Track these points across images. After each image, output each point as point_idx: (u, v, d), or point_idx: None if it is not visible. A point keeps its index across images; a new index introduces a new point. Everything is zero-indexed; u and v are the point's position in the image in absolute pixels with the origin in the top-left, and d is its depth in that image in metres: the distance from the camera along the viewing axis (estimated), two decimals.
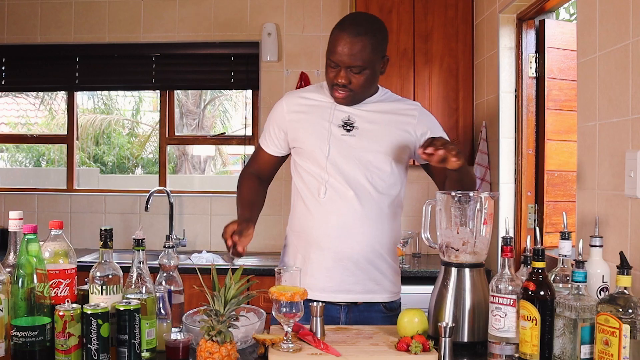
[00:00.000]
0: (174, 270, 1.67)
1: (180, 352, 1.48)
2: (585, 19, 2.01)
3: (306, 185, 1.91)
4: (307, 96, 1.97)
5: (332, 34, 1.83)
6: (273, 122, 1.99)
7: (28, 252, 1.41)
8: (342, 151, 1.86)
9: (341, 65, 1.80)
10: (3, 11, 3.91)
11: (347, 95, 1.85)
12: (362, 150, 1.87)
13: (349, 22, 1.82)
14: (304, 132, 1.91)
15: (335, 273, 1.85)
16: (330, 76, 1.84)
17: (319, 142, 1.87)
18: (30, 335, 1.37)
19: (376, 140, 1.88)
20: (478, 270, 1.60)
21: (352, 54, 1.78)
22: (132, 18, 3.87)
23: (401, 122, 1.92)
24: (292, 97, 1.99)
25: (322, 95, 1.95)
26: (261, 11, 3.83)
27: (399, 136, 1.91)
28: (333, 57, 1.80)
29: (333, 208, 1.86)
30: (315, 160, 1.88)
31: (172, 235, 3.78)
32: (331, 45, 1.81)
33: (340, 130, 1.88)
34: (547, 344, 1.41)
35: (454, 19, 3.40)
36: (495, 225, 2.76)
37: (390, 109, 1.93)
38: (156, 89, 4.07)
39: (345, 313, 1.89)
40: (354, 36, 1.77)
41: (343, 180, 1.86)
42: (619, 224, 1.78)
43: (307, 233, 1.90)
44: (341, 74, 1.81)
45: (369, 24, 1.84)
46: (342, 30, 1.79)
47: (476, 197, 1.62)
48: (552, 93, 2.84)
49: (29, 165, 8.26)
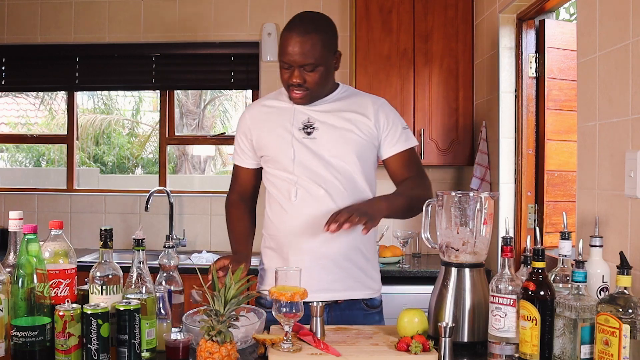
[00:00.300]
0: (174, 270, 1.67)
1: (180, 352, 1.48)
2: (585, 19, 2.01)
3: (278, 190, 1.92)
4: (267, 104, 1.99)
5: (281, 36, 1.86)
6: (240, 135, 2.02)
7: (28, 252, 1.41)
8: (307, 153, 1.88)
9: (294, 65, 1.81)
10: (3, 11, 3.91)
11: (304, 94, 1.86)
12: (325, 151, 1.88)
13: (296, 22, 1.85)
14: (268, 139, 1.93)
15: (314, 273, 1.84)
16: (285, 77, 1.86)
17: (283, 146, 1.89)
18: (30, 335, 1.37)
19: (337, 140, 1.88)
20: (478, 270, 1.60)
21: (304, 52, 1.79)
22: (132, 18, 3.87)
23: (360, 119, 1.91)
24: (253, 107, 2.03)
25: (281, 101, 1.97)
26: (261, 11, 3.83)
27: (360, 133, 1.90)
28: (285, 58, 1.82)
29: (306, 209, 1.86)
30: (282, 164, 1.89)
31: (172, 235, 3.78)
32: (281, 46, 1.83)
33: (301, 134, 1.89)
34: (547, 344, 1.41)
35: (454, 19, 3.40)
36: (495, 225, 2.76)
37: (348, 107, 1.93)
38: (156, 89, 4.07)
39: (326, 312, 1.89)
40: (303, 35, 1.80)
41: (312, 181, 1.87)
42: (619, 224, 1.78)
43: (283, 235, 1.90)
44: (295, 74, 1.82)
45: (316, 21, 1.87)
46: (290, 30, 1.82)
47: (476, 197, 1.61)
48: (552, 93, 2.84)
49: (29, 165, 8.26)
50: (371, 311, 1.95)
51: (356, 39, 3.41)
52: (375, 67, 3.40)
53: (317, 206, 1.85)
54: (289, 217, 1.88)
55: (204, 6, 3.84)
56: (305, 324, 1.62)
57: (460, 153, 3.42)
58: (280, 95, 1.99)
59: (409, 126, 3.38)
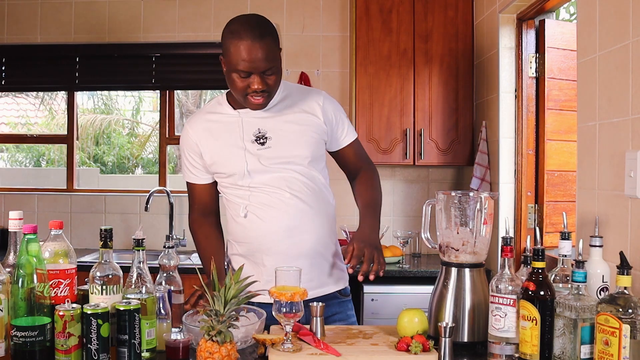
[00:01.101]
0: (174, 270, 1.67)
1: (180, 352, 1.48)
2: (585, 19, 2.01)
3: (240, 200, 1.88)
4: (210, 118, 1.92)
5: (230, 44, 1.75)
6: (187, 152, 1.94)
7: (28, 252, 1.40)
8: (262, 162, 1.85)
9: (254, 71, 1.74)
10: (3, 11, 3.91)
11: (265, 99, 1.81)
12: (281, 158, 1.86)
13: (246, 28, 1.75)
14: (219, 155, 1.88)
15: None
16: (242, 85, 1.77)
17: (237, 161, 1.85)
18: (30, 335, 1.37)
19: (293, 145, 1.87)
20: (478, 270, 1.60)
21: (265, 57, 1.73)
22: (132, 18, 3.87)
23: (309, 119, 1.90)
24: (196, 122, 1.94)
25: (223, 113, 1.91)
26: (261, 11, 3.79)
27: (312, 133, 1.90)
28: (242, 66, 1.73)
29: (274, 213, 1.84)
30: (240, 178, 1.86)
31: (172, 235, 3.78)
32: (236, 55, 1.73)
33: (254, 146, 1.85)
34: (547, 344, 1.41)
35: (454, 19, 3.40)
36: (495, 225, 2.76)
37: (294, 107, 1.91)
38: (156, 89, 4.07)
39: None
40: (260, 40, 1.72)
41: (275, 187, 1.85)
42: (619, 224, 1.78)
43: (254, 241, 1.88)
44: (257, 80, 1.74)
45: (262, 24, 1.80)
46: (242, 38, 1.73)
47: (476, 197, 1.61)
48: (552, 93, 2.84)
49: (29, 165, 8.26)
50: (344, 298, 1.98)
51: (356, 39, 3.41)
52: (375, 67, 3.40)
53: (284, 209, 1.84)
54: (258, 224, 1.85)
55: (204, 6, 3.84)
56: (305, 324, 1.62)
57: (460, 153, 3.42)
58: (220, 106, 1.93)
59: (410, 126, 3.41)
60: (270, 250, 1.86)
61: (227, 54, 1.78)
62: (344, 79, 3.81)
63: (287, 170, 1.86)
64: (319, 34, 3.81)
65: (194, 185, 1.98)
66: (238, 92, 1.80)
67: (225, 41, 1.80)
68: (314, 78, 3.78)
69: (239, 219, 1.89)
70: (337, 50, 3.81)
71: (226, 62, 1.80)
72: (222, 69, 1.84)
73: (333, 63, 3.81)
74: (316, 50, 3.81)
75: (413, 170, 3.74)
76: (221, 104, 1.94)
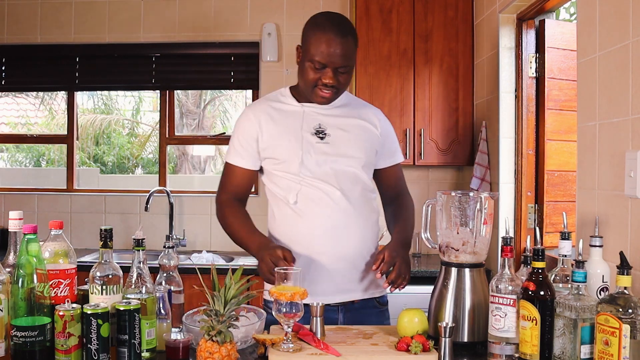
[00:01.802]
0: (174, 270, 1.67)
1: (180, 352, 1.48)
2: (585, 19, 2.01)
3: (289, 193, 1.88)
4: (273, 106, 1.95)
5: (313, 35, 1.81)
6: (243, 134, 1.94)
7: (28, 252, 1.40)
8: (317, 157, 1.87)
9: (330, 66, 1.80)
10: (3, 11, 3.91)
11: (332, 94, 1.86)
12: (336, 156, 1.88)
13: (332, 23, 1.81)
14: (279, 143, 1.89)
15: (334, 275, 1.85)
16: (314, 77, 1.82)
17: (296, 150, 1.87)
18: (30, 335, 1.37)
19: (349, 147, 1.90)
20: (478, 270, 1.60)
21: (343, 54, 1.79)
22: (132, 18, 3.87)
23: (368, 127, 1.96)
24: (259, 108, 1.96)
25: (286, 103, 1.95)
26: (261, 11, 3.84)
27: (369, 140, 1.95)
28: (320, 58, 1.79)
29: (325, 210, 1.85)
30: (295, 168, 1.87)
31: (172, 235, 3.78)
32: (316, 46, 1.79)
33: (314, 138, 1.88)
34: (547, 344, 1.41)
35: (454, 19, 3.40)
36: (495, 225, 2.76)
37: (354, 114, 1.96)
38: (156, 89, 4.07)
39: (342, 313, 1.89)
40: (342, 37, 1.78)
41: (327, 183, 1.86)
42: (619, 224, 1.78)
43: (300, 238, 1.87)
44: (329, 75, 1.81)
45: (346, 23, 1.86)
46: (326, 31, 1.79)
47: (476, 197, 1.62)
48: (552, 93, 2.84)
49: (29, 165, 8.26)
50: (382, 308, 1.98)
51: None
52: (375, 67, 3.40)
53: (334, 207, 1.86)
54: (305, 219, 1.86)
55: (204, 6, 3.84)
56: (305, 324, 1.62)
57: (460, 153, 3.42)
58: (283, 97, 1.97)
59: (410, 126, 3.41)
60: (313, 249, 1.85)
61: (306, 44, 1.83)
62: None
63: (341, 170, 1.88)
64: None
65: (236, 167, 1.96)
66: (308, 82, 1.85)
67: (307, 31, 1.85)
68: None
69: (285, 209, 1.89)
70: None
71: (303, 51, 1.85)
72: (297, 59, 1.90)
73: None
74: None
75: (413, 170, 3.74)
76: (284, 95, 1.97)
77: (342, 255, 1.86)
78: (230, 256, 3.64)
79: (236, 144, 1.96)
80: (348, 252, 1.86)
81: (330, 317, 1.86)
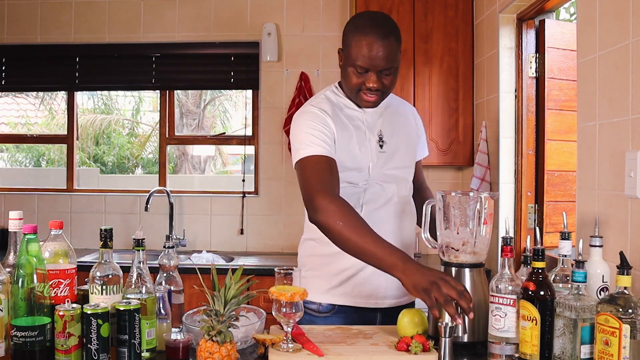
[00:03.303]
0: (174, 270, 1.67)
1: (180, 352, 1.48)
2: (585, 19, 2.01)
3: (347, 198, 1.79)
4: (336, 107, 1.86)
5: (352, 39, 1.74)
6: (319, 124, 1.78)
7: (28, 252, 1.40)
8: (380, 165, 1.86)
9: (372, 69, 1.73)
10: (3, 11, 3.91)
11: (378, 98, 1.80)
12: (393, 164, 1.89)
13: (372, 24, 1.73)
14: (345, 146, 1.81)
15: (382, 280, 1.84)
16: (357, 81, 1.76)
17: (363, 157, 1.83)
18: (30, 335, 1.37)
19: (402, 155, 1.92)
20: (478, 270, 1.60)
21: (387, 57, 1.72)
22: (132, 18, 3.87)
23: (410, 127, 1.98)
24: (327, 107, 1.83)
25: (350, 107, 1.87)
26: (261, 11, 3.84)
27: (412, 142, 1.98)
28: (363, 62, 1.72)
29: (377, 217, 1.83)
30: (358, 174, 1.83)
31: (172, 235, 3.78)
32: (358, 50, 1.72)
33: (376, 147, 1.86)
34: (547, 344, 1.41)
35: (454, 19, 3.40)
36: (495, 225, 2.76)
37: (403, 117, 1.96)
38: (156, 89, 4.08)
39: (381, 315, 1.90)
40: (384, 39, 1.71)
41: (384, 191, 1.87)
42: (619, 224, 1.78)
43: None
44: (373, 79, 1.74)
45: (388, 22, 1.78)
46: (368, 34, 1.71)
47: (476, 197, 1.61)
48: (552, 93, 2.84)
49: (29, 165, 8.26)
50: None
51: None
52: None
53: (390, 213, 1.87)
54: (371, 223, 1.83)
55: (204, 6, 3.84)
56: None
57: (460, 153, 3.42)
58: (344, 99, 1.88)
59: None
60: None
61: (347, 48, 1.77)
62: None
63: (395, 177, 1.89)
64: (319, 34, 3.82)
65: (330, 159, 1.73)
66: (352, 87, 1.79)
67: (347, 35, 1.78)
68: (314, 78, 3.79)
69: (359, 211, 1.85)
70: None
71: (345, 55, 1.80)
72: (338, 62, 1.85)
73: (333, 63, 3.81)
74: (316, 50, 3.81)
75: None
76: (339, 96, 1.89)
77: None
78: (230, 256, 3.65)
79: (317, 135, 1.75)
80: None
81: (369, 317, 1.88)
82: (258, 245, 3.83)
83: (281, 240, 3.83)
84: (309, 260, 1.94)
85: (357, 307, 1.87)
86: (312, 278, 1.90)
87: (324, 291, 1.88)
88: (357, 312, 1.87)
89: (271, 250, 3.81)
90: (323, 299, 1.88)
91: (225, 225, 3.87)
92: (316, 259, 1.91)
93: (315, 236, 1.86)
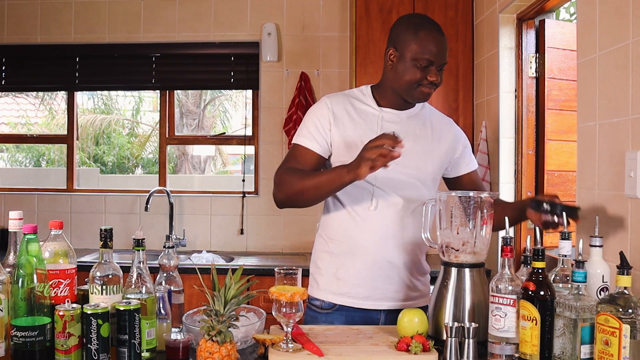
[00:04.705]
0: (174, 270, 1.67)
1: (180, 352, 1.48)
2: (585, 19, 2.01)
3: (353, 197, 1.87)
4: (353, 102, 1.92)
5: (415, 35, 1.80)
6: (317, 117, 1.89)
7: (28, 252, 1.41)
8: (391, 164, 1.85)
9: (434, 63, 1.81)
10: (3, 11, 3.91)
11: (432, 92, 1.87)
12: (408, 166, 1.87)
13: (430, 22, 1.84)
14: (352, 140, 1.85)
15: (379, 282, 1.86)
16: (419, 76, 1.82)
17: None
18: (30, 335, 1.37)
19: (421, 157, 1.90)
20: (478, 270, 1.60)
21: (445, 51, 1.83)
22: (132, 18, 3.87)
23: (442, 138, 1.95)
24: (337, 98, 1.93)
25: (367, 104, 1.92)
26: (261, 11, 3.84)
27: (439, 152, 1.94)
28: (427, 56, 1.79)
29: (385, 219, 1.85)
30: None
31: (172, 235, 3.78)
32: (423, 45, 1.79)
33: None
34: (547, 344, 1.41)
35: (454, 19, 3.40)
36: None
37: (429, 126, 1.95)
38: (156, 89, 4.08)
39: (385, 315, 1.90)
40: (442, 35, 1.83)
41: (392, 192, 1.86)
42: (619, 224, 1.78)
43: (354, 242, 1.87)
44: (434, 72, 1.82)
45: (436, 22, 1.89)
46: (430, 30, 1.81)
47: (476, 197, 1.62)
48: (552, 93, 2.84)
49: (29, 165, 8.26)
50: None
51: (356, 39, 3.41)
52: (375, 67, 3.40)
53: (393, 217, 1.86)
54: (365, 225, 1.86)
55: (204, 6, 3.84)
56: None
57: None
58: (364, 96, 1.94)
59: None
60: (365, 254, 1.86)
61: (408, 45, 1.82)
62: (343, 79, 3.81)
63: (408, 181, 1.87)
64: (319, 34, 3.82)
65: (304, 149, 1.87)
66: (411, 82, 1.84)
67: (406, 33, 1.84)
68: (314, 78, 3.79)
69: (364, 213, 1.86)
70: (337, 51, 3.81)
71: (403, 52, 1.84)
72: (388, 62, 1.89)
73: (333, 63, 3.81)
74: (316, 50, 3.81)
75: None
76: (365, 94, 1.95)
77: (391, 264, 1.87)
78: (230, 256, 3.65)
79: (309, 126, 1.89)
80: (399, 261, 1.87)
81: (372, 318, 1.89)
82: (258, 245, 3.84)
83: (281, 240, 3.83)
84: (318, 257, 1.98)
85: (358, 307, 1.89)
86: (318, 274, 1.95)
87: (326, 289, 1.90)
88: (359, 311, 1.88)
89: (271, 250, 3.81)
90: (325, 297, 1.91)
91: (225, 225, 3.87)
92: (323, 255, 1.95)
93: (323, 233, 1.95)
